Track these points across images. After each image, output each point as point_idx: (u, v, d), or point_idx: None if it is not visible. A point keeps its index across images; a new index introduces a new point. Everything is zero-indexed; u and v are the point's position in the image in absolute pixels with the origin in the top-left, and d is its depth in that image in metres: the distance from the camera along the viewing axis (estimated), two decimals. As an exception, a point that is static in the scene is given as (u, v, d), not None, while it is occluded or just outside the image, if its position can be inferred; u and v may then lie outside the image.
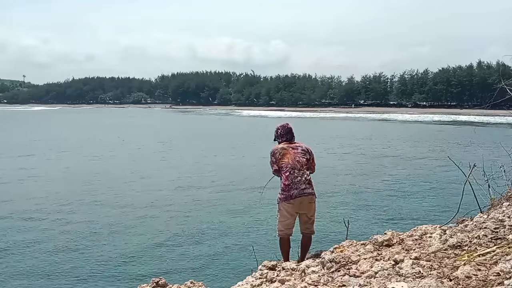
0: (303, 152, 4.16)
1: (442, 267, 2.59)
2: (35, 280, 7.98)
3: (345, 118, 74.00)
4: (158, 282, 3.38)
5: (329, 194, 13.96)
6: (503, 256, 2.47)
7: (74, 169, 19.92)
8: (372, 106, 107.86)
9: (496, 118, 49.81)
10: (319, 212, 4.58)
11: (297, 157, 4.09)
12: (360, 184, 16.05)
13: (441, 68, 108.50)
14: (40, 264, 8.64)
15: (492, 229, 3.03)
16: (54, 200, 13.66)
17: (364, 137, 36.00)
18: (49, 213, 12.15)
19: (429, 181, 16.29)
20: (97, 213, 12.26)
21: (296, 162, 4.05)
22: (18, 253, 9.19)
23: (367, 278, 2.73)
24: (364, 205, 12.84)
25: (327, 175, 17.00)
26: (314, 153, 4.34)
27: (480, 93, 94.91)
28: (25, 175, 18.01)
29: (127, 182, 16.72)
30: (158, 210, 12.64)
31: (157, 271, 7.88)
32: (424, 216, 11.16)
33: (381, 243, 3.50)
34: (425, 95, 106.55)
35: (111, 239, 10.03)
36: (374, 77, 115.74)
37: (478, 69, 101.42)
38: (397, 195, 14.19)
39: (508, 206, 3.73)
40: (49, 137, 35.54)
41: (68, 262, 8.76)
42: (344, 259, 3.19)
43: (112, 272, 8.25)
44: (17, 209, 12.50)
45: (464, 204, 4.21)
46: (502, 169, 5.12)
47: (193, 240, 10.01)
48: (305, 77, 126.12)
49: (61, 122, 58.61)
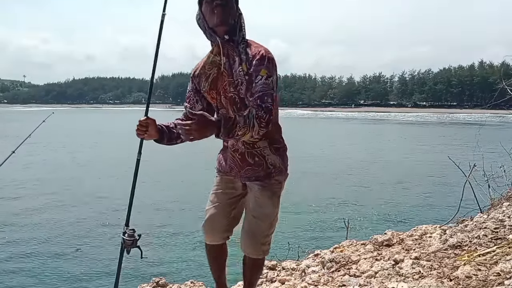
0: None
1: (442, 267, 2.59)
2: (34, 279, 7.97)
3: (345, 118, 73.99)
4: (158, 282, 3.38)
5: (329, 194, 13.95)
6: (503, 256, 2.47)
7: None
8: (372, 106, 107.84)
9: (496, 118, 49.78)
10: (319, 212, 4.40)
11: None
12: (360, 184, 16.04)
13: (442, 68, 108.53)
14: (40, 262, 8.63)
15: (492, 229, 3.03)
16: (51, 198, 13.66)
17: (364, 137, 35.98)
18: (48, 210, 12.15)
19: (429, 181, 16.28)
20: (97, 210, 12.23)
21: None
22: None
23: (367, 278, 2.73)
24: (364, 205, 12.82)
25: (327, 175, 16.99)
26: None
27: (481, 93, 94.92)
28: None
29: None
30: (158, 210, 12.64)
31: (157, 271, 7.88)
32: (424, 216, 11.14)
33: (381, 243, 3.50)
34: (425, 95, 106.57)
35: (111, 239, 10.03)
36: (374, 77, 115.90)
37: (480, 69, 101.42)
38: (397, 195, 14.17)
39: (508, 206, 3.73)
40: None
41: (66, 261, 8.76)
42: (344, 259, 3.19)
43: (112, 272, 8.25)
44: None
45: (464, 204, 4.21)
46: (502, 169, 5.13)
47: (193, 240, 10.00)
48: (305, 77, 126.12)
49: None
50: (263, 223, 2.16)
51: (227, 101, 2.01)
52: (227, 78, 1.97)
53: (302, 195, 13.43)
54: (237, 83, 1.95)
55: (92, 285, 7.35)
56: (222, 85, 2.00)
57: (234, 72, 1.95)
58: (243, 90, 1.93)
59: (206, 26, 1.94)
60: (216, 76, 2.01)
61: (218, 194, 2.24)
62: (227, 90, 1.99)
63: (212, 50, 2.00)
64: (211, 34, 1.94)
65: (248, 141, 2.02)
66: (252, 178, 2.09)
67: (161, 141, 2.04)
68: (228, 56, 1.97)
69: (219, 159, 2.25)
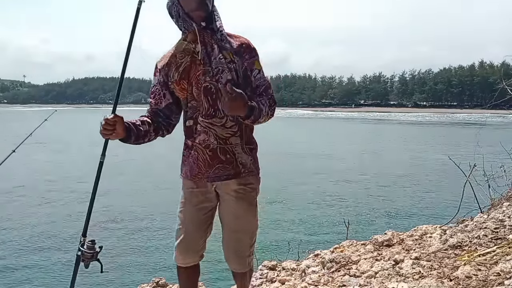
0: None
1: (442, 267, 2.59)
2: (33, 273, 7.93)
3: (345, 118, 73.98)
4: (158, 282, 3.38)
5: (329, 194, 13.96)
6: (503, 256, 2.47)
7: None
8: (373, 106, 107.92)
9: (496, 118, 49.80)
10: (319, 212, 4.33)
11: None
12: (360, 184, 16.04)
13: (442, 68, 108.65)
14: (39, 259, 8.62)
15: (492, 229, 3.03)
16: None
17: (364, 137, 35.98)
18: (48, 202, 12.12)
19: (429, 181, 16.28)
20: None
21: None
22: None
23: (367, 278, 2.73)
24: (364, 205, 12.83)
25: (327, 175, 16.99)
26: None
27: (481, 93, 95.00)
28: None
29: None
30: (156, 208, 12.62)
31: (157, 271, 7.88)
32: (424, 216, 11.14)
33: (381, 243, 3.50)
34: (425, 95, 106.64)
35: (110, 238, 10.01)
36: (374, 77, 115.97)
37: (480, 69, 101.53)
38: (397, 195, 14.17)
39: (508, 206, 3.73)
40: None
41: (65, 259, 8.74)
42: (344, 259, 3.19)
43: (112, 272, 8.25)
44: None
45: (464, 204, 4.21)
46: (502, 169, 5.12)
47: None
48: (305, 77, 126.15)
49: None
50: (244, 236, 2.02)
51: (199, 92, 1.84)
52: (202, 66, 1.83)
53: (302, 195, 13.45)
54: (217, 71, 1.82)
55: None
56: (195, 75, 1.84)
57: (214, 59, 1.82)
58: (223, 79, 1.81)
59: (181, 12, 1.80)
60: (189, 64, 1.85)
61: (189, 211, 1.99)
62: (200, 79, 1.83)
63: (185, 37, 1.86)
64: (186, 20, 1.80)
65: (222, 136, 1.86)
66: (222, 177, 1.90)
67: (128, 140, 1.83)
68: (205, 44, 1.83)
69: (183, 163, 2.00)
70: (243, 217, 1.99)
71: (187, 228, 1.99)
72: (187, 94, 1.86)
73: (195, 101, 1.86)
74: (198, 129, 1.88)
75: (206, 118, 1.86)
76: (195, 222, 1.99)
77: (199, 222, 1.99)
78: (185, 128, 1.95)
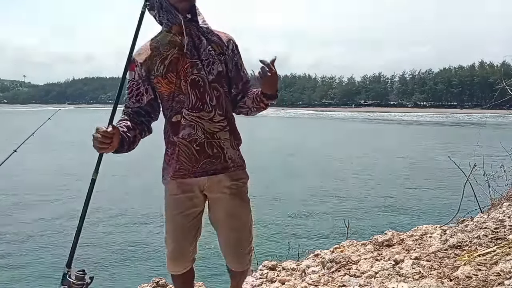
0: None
1: (442, 267, 2.59)
2: (31, 272, 7.92)
3: (345, 118, 73.96)
4: (158, 282, 3.38)
5: (330, 194, 13.96)
6: (504, 256, 2.47)
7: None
8: (373, 106, 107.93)
9: (496, 118, 49.80)
10: (319, 212, 4.33)
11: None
12: (360, 184, 16.04)
13: (442, 68, 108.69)
14: (38, 259, 8.61)
15: (492, 229, 3.03)
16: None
17: (364, 137, 35.98)
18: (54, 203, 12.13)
19: (429, 181, 16.28)
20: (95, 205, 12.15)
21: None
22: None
23: (367, 278, 2.73)
24: (364, 205, 12.83)
25: (327, 175, 16.99)
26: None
27: (481, 93, 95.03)
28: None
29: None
30: (156, 208, 12.62)
31: (158, 271, 7.88)
32: (424, 216, 11.15)
33: (382, 243, 3.49)
34: (425, 95, 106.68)
35: (109, 239, 10.02)
36: (374, 77, 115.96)
37: (480, 69, 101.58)
38: (398, 195, 14.18)
39: (509, 206, 3.73)
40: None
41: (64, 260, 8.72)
42: (344, 259, 3.19)
43: (112, 271, 8.25)
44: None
45: (464, 204, 4.21)
46: (502, 169, 5.12)
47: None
48: (305, 77, 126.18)
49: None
50: (244, 233, 1.98)
51: (187, 85, 1.77)
52: (190, 59, 1.77)
53: (302, 195, 13.45)
54: (208, 62, 1.79)
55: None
56: (184, 67, 1.76)
57: (204, 51, 1.79)
58: (215, 71, 1.80)
59: (164, 3, 1.74)
60: (176, 57, 1.76)
61: (176, 220, 1.91)
62: (188, 72, 1.76)
63: (169, 30, 1.80)
64: (171, 11, 1.74)
65: (209, 130, 1.80)
66: (209, 172, 1.83)
67: (121, 150, 1.69)
68: (192, 36, 1.78)
69: (167, 163, 1.90)
70: (239, 214, 1.94)
71: (176, 237, 1.93)
72: (175, 88, 1.78)
73: (182, 94, 1.78)
74: (182, 123, 1.79)
75: (193, 112, 1.78)
76: (184, 230, 1.92)
77: (188, 229, 1.92)
78: (170, 124, 1.85)
